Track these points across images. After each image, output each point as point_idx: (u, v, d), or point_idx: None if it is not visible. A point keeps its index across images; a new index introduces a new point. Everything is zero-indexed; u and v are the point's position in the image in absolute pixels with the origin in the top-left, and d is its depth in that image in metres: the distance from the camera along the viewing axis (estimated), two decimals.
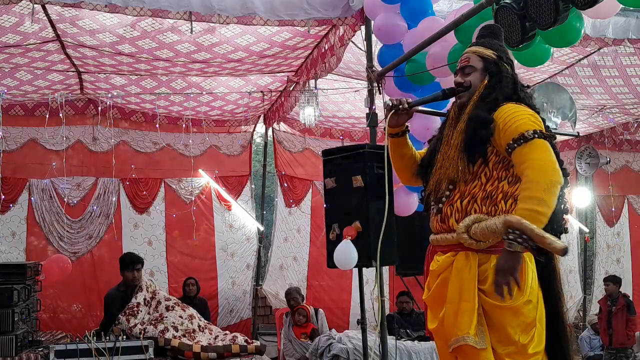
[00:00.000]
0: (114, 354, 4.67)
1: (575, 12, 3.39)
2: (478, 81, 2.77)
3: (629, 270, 9.59)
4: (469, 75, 2.79)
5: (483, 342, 2.53)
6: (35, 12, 4.56)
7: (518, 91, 2.75)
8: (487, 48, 2.81)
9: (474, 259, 2.60)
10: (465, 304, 2.56)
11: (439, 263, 2.74)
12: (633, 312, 7.75)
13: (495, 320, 2.56)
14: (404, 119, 2.95)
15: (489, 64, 2.76)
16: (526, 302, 2.54)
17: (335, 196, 4.32)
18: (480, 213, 2.60)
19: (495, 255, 2.56)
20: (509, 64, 2.81)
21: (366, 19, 5.04)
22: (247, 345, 5.13)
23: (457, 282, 2.62)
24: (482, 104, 2.71)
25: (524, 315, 2.54)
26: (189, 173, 8.13)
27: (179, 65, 6.14)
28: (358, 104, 7.31)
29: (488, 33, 2.90)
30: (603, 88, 6.50)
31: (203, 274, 7.92)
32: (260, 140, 11.25)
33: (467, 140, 2.68)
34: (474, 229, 2.58)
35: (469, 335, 2.52)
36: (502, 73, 2.76)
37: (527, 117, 2.61)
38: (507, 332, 2.54)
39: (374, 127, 5.04)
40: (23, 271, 5.20)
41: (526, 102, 2.73)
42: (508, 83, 2.74)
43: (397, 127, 2.96)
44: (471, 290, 2.56)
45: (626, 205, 9.70)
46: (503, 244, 2.49)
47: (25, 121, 7.53)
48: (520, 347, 2.54)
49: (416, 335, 6.72)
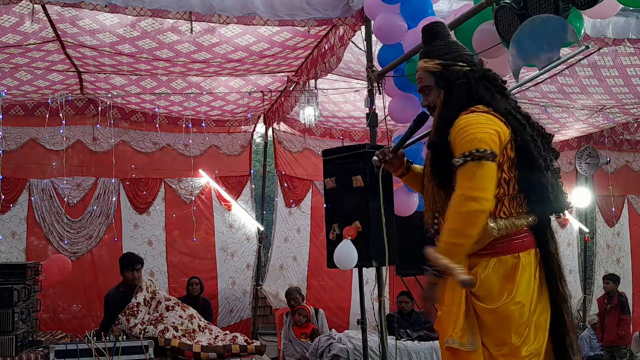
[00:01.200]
0: (114, 354, 4.67)
1: (575, 12, 3.39)
2: (436, 98, 2.71)
3: (629, 270, 9.60)
4: (428, 94, 2.74)
5: (472, 344, 2.55)
6: (35, 12, 4.56)
7: (473, 94, 2.63)
8: (430, 58, 2.71)
9: (465, 263, 2.61)
10: (453, 307, 2.60)
11: None
12: (627, 312, 7.78)
13: (486, 322, 2.57)
14: (398, 162, 2.98)
15: (437, 78, 2.69)
16: (514, 303, 2.53)
17: (335, 196, 4.32)
18: None
19: (485, 258, 2.58)
20: (461, 60, 2.67)
21: (366, 19, 5.03)
22: (247, 345, 5.12)
23: (450, 285, 2.64)
24: (440, 126, 2.65)
25: (513, 316, 2.53)
26: (189, 173, 8.14)
27: (179, 65, 6.14)
28: (358, 104, 7.31)
29: (427, 38, 2.80)
30: (603, 88, 6.50)
31: (203, 274, 7.91)
32: (260, 140, 11.26)
33: (434, 171, 2.70)
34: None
35: (452, 337, 2.56)
36: (452, 83, 2.65)
37: (474, 131, 2.49)
38: (498, 334, 2.55)
39: (374, 127, 5.04)
40: (23, 271, 5.19)
41: (487, 101, 2.61)
42: (461, 92, 2.63)
43: (399, 169, 3.00)
44: (458, 294, 2.59)
45: (626, 205, 9.70)
46: (492, 247, 2.56)
47: (25, 121, 7.53)
48: (513, 348, 2.53)
49: (416, 335, 6.72)
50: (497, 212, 2.57)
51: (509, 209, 2.59)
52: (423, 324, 7.01)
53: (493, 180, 2.50)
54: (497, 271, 2.57)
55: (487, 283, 2.57)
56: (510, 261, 2.58)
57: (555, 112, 7.63)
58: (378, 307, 4.71)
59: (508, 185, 2.59)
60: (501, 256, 2.58)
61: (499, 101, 2.64)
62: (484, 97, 2.63)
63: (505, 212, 2.58)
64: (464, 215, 2.45)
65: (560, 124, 8.08)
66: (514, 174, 2.59)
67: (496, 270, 2.57)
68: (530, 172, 2.59)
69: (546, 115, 7.57)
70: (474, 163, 2.47)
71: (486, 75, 2.71)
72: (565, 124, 8.13)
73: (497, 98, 2.65)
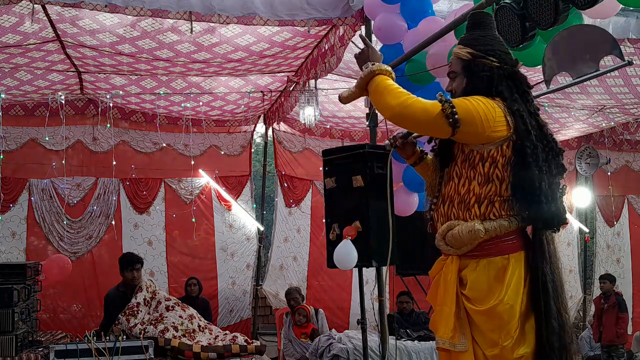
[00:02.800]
0: (114, 354, 4.67)
1: (575, 12, 3.38)
2: (459, 86, 2.72)
3: (629, 270, 9.60)
4: (454, 80, 2.76)
5: (463, 344, 2.56)
6: (35, 12, 4.56)
7: (493, 89, 2.63)
8: (465, 46, 2.71)
9: (456, 263, 2.64)
10: (445, 308, 2.61)
11: (434, 266, 2.81)
12: (624, 310, 7.79)
13: (476, 323, 2.58)
14: (411, 148, 3.01)
15: (464, 66, 2.70)
16: (502, 304, 2.51)
17: (335, 196, 4.32)
18: (457, 218, 2.63)
19: (475, 260, 2.59)
20: (493, 54, 2.66)
21: (366, 19, 5.03)
22: (247, 345, 5.12)
23: (442, 285, 2.67)
24: None
25: (500, 318, 2.51)
26: (189, 173, 8.14)
27: (179, 65, 6.14)
28: (358, 104, 7.29)
29: (471, 25, 2.78)
30: (603, 88, 6.50)
31: (203, 274, 7.92)
32: (260, 140, 11.26)
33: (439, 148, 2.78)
34: (448, 236, 2.63)
35: (443, 338, 2.59)
36: (475, 75, 2.66)
37: (470, 101, 2.53)
38: (487, 335, 2.55)
39: (374, 127, 5.04)
40: (23, 271, 5.19)
41: (504, 95, 2.62)
42: (482, 84, 2.64)
43: (412, 157, 3.02)
44: (450, 294, 2.60)
45: (626, 205, 9.71)
46: (481, 249, 2.57)
47: (25, 121, 7.54)
48: (504, 350, 2.52)
49: (416, 335, 6.72)
50: (487, 212, 2.57)
51: (499, 210, 2.57)
52: (423, 324, 7.00)
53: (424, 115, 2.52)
54: (486, 272, 2.57)
55: (477, 284, 2.57)
56: (500, 262, 2.56)
57: (555, 112, 7.63)
58: (378, 307, 4.71)
59: (501, 184, 2.57)
60: (491, 257, 2.57)
61: (516, 101, 2.63)
62: (502, 93, 2.63)
63: (495, 213, 2.57)
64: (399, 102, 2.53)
65: (560, 124, 8.08)
66: (508, 174, 2.57)
67: (486, 271, 2.57)
68: (524, 178, 2.55)
69: (546, 115, 7.57)
70: (440, 104, 2.50)
71: (513, 75, 2.69)
72: (565, 124, 8.14)
73: (514, 97, 2.63)
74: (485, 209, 2.57)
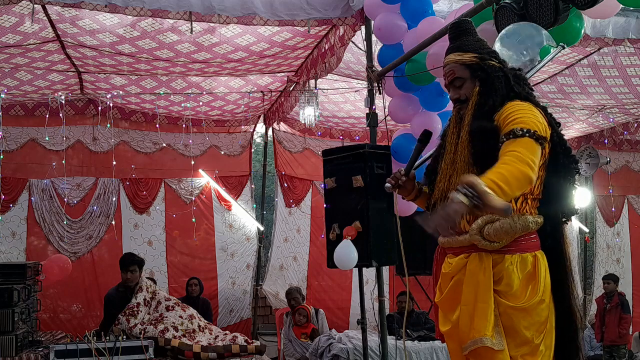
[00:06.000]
0: (114, 354, 4.67)
1: (575, 12, 3.39)
2: (470, 90, 2.70)
3: (629, 270, 9.60)
4: (460, 87, 2.72)
5: (500, 343, 2.52)
6: (35, 12, 4.56)
7: (513, 87, 2.66)
8: (465, 52, 2.70)
9: (488, 260, 2.58)
10: (481, 305, 2.54)
11: (452, 265, 2.70)
12: (627, 311, 7.80)
13: (509, 321, 2.55)
14: (410, 185, 2.90)
15: (474, 70, 2.68)
16: (539, 301, 2.54)
17: (335, 196, 4.32)
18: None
19: (509, 255, 2.57)
20: (493, 56, 2.72)
21: (366, 19, 5.04)
22: (247, 345, 5.12)
23: (471, 283, 2.59)
24: (480, 113, 2.64)
25: (537, 315, 2.54)
26: (189, 173, 8.14)
27: (179, 65, 6.14)
28: (358, 104, 7.31)
29: (459, 32, 2.77)
30: (603, 88, 6.50)
31: (203, 274, 7.92)
32: (260, 140, 11.26)
33: (478, 154, 2.62)
34: (487, 229, 2.54)
35: (486, 336, 2.50)
36: (491, 75, 2.66)
37: (528, 115, 2.52)
38: (521, 333, 2.54)
39: (374, 127, 5.04)
40: (23, 271, 5.19)
41: (525, 96, 2.64)
42: (501, 84, 2.64)
43: (412, 193, 2.94)
44: (487, 291, 2.54)
45: (626, 205, 9.71)
46: (517, 244, 2.55)
47: (25, 121, 7.54)
48: (533, 347, 2.54)
49: (416, 335, 6.72)
50: (522, 208, 2.58)
51: (530, 207, 2.60)
52: (423, 324, 7.01)
53: (538, 163, 2.47)
54: (519, 268, 2.57)
55: (511, 280, 2.56)
56: (530, 259, 2.58)
57: (555, 112, 7.60)
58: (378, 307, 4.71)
59: (535, 184, 2.57)
60: (522, 253, 2.58)
61: (538, 104, 2.67)
62: (522, 91, 2.66)
63: (527, 209, 2.59)
64: (519, 172, 2.37)
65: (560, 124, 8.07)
66: (542, 173, 2.60)
67: (521, 266, 2.57)
68: (555, 180, 2.62)
69: None
70: (531, 139, 2.46)
71: (517, 74, 2.74)
72: (565, 124, 8.13)
73: (532, 95, 2.68)
74: (520, 205, 2.58)
